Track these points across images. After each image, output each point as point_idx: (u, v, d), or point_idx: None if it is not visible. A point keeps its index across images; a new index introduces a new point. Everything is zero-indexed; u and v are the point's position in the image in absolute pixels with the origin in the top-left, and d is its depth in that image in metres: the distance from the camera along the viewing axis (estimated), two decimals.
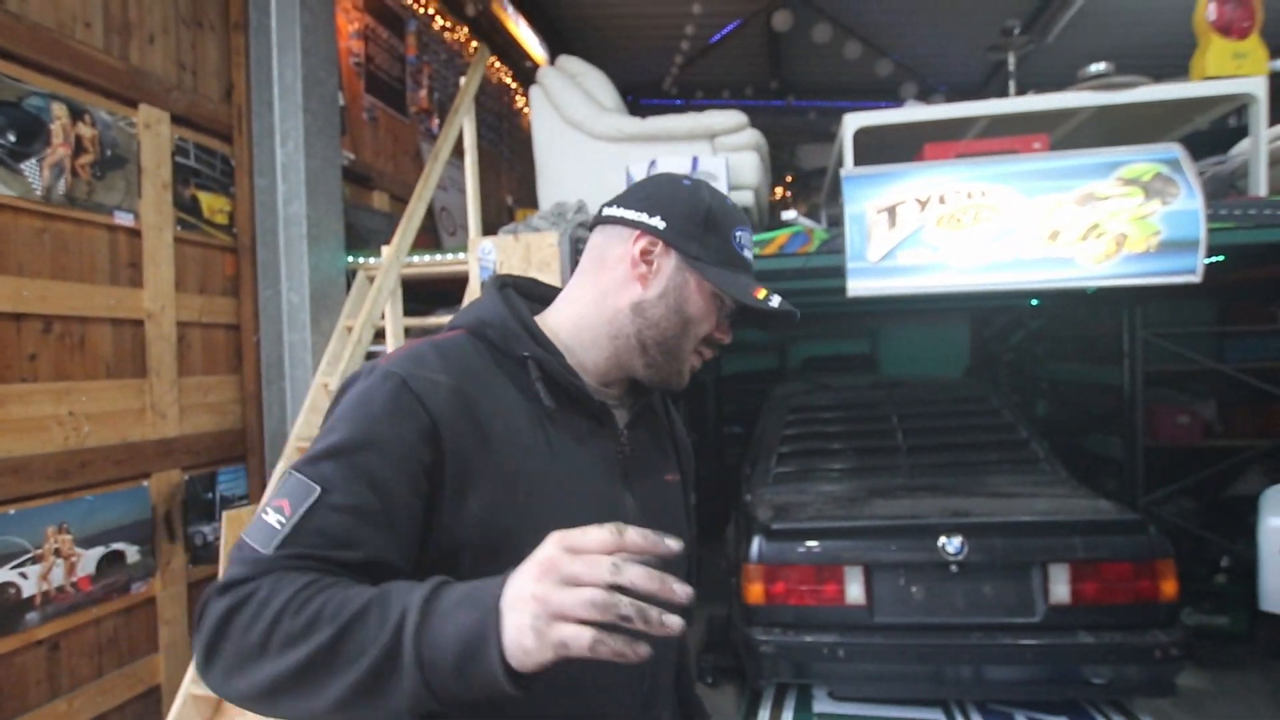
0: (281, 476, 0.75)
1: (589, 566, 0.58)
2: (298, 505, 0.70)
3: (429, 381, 0.78)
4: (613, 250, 0.90)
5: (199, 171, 2.79)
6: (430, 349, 0.83)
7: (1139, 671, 2.36)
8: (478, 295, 0.92)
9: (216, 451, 2.83)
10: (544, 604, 0.57)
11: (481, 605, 0.60)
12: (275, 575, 0.66)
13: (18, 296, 2.12)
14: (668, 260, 0.88)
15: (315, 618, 0.62)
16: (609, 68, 3.60)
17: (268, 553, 0.68)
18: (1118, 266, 2.30)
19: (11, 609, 2.08)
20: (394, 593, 0.64)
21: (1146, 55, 5.55)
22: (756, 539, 2.61)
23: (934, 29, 5.84)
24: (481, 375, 0.83)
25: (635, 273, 0.88)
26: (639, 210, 0.89)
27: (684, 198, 0.90)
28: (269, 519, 0.70)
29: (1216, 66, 2.51)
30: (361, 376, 0.80)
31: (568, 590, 0.57)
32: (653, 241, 0.88)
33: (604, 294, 0.90)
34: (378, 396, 0.77)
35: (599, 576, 0.57)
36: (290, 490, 0.72)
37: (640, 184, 0.94)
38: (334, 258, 3.09)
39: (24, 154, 2.15)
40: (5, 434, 2.08)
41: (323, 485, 0.71)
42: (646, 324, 0.88)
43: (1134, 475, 3.81)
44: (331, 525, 0.70)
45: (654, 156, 2.82)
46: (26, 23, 2.16)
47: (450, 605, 0.61)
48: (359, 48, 3.79)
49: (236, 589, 0.66)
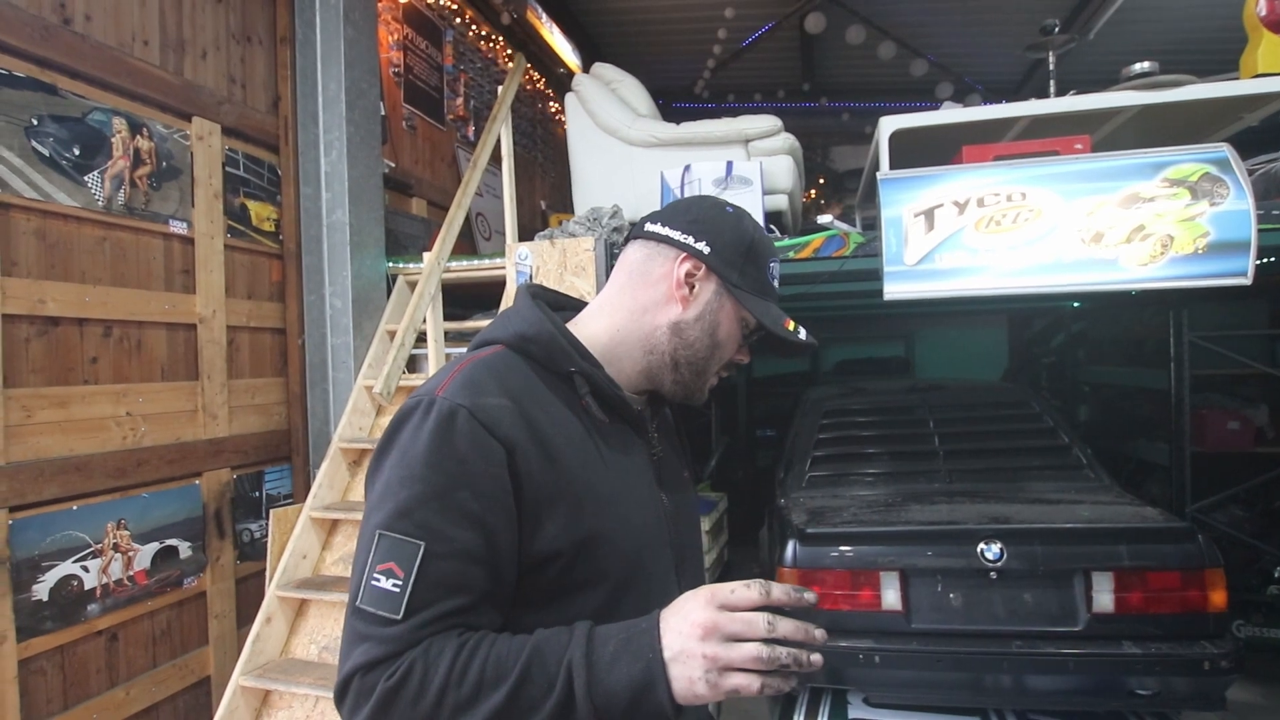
0: (372, 539, 0.76)
1: (747, 626, 0.68)
2: (409, 564, 0.73)
3: (493, 409, 0.79)
4: (656, 268, 0.92)
5: (248, 181, 2.89)
6: (482, 371, 0.83)
7: (1187, 684, 2.29)
8: (509, 305, 0.94)
9: (263, 451, 2.92)
10: (715, 660, 0.67)
11: (644, 657, 0.69)
12: (423, 647, 0.72)
13: (81, 302, 2.22)
14: (709, 285, 0.91)
15: (480, 682, 0.70)
16: (640, 72, 3.63)
17: (399, 618, 0.72)
18: (1164, 269, 2.25)
19: (74, 600, 2.18)
20: (548, 647, 0.71)
21: (1191, 51, 5.41)
22: (791, 543, 2.60)
23: (970, 28, 5.76)
24: (533, 392, 0.84)
25: (678, 294, 0.90)
26: (685, 232, 0.91)
27: (730, 225, 0.92)
28: (383, 584, 0.73)
29: (1269, 63, 2.44)
30: (418, 413, 0.79)
31: (733, 647, 0.68)
32: (697, 265, 0.90)
33: (644, 309, 0.92)
34: (451, 435, 0.77)
35: (758, 633, 0.68)
36: (392, 551, 0.74)
37: (685, 205, 0.96)
38: (375, 263, 3.17)
39: (87, 166, 2.25)
40: (69, 434, 2.18)
41: (426, 538, 0.74)
42: (682, 344, 0.91)
43: (1181, 482, 3.70)
44: (447, 574, 0.74)
45: (688, 162, 2.84)
46: (91, 42, 2.27)
47: (610, 656, 0.70)
48: (398, 58, 3.88)
49: (385, 666, 0.71)
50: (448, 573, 0.74)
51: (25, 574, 2.05)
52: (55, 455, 2.14)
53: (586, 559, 0.81)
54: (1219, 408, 3.95)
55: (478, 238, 4.42)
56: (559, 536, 0.80)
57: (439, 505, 0.75)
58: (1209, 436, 3.87)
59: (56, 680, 2.12)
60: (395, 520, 0.75)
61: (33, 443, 2.08)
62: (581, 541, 0.80)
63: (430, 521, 0.74)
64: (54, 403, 2.14)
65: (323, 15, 3.02)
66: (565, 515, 0.80)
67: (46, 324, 2.14)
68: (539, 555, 0.79)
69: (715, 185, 2.80)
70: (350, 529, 2.70)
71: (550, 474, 0.80)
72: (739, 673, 0.67)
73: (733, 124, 3.05)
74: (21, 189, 2.07)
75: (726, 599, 0.69)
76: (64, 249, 2.19)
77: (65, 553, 2.16)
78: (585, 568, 0.81)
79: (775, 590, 0.69)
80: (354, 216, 3.03)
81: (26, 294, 2.07)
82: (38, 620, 2.07)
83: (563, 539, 0.80)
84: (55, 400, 2.15)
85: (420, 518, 0.74)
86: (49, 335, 2.14)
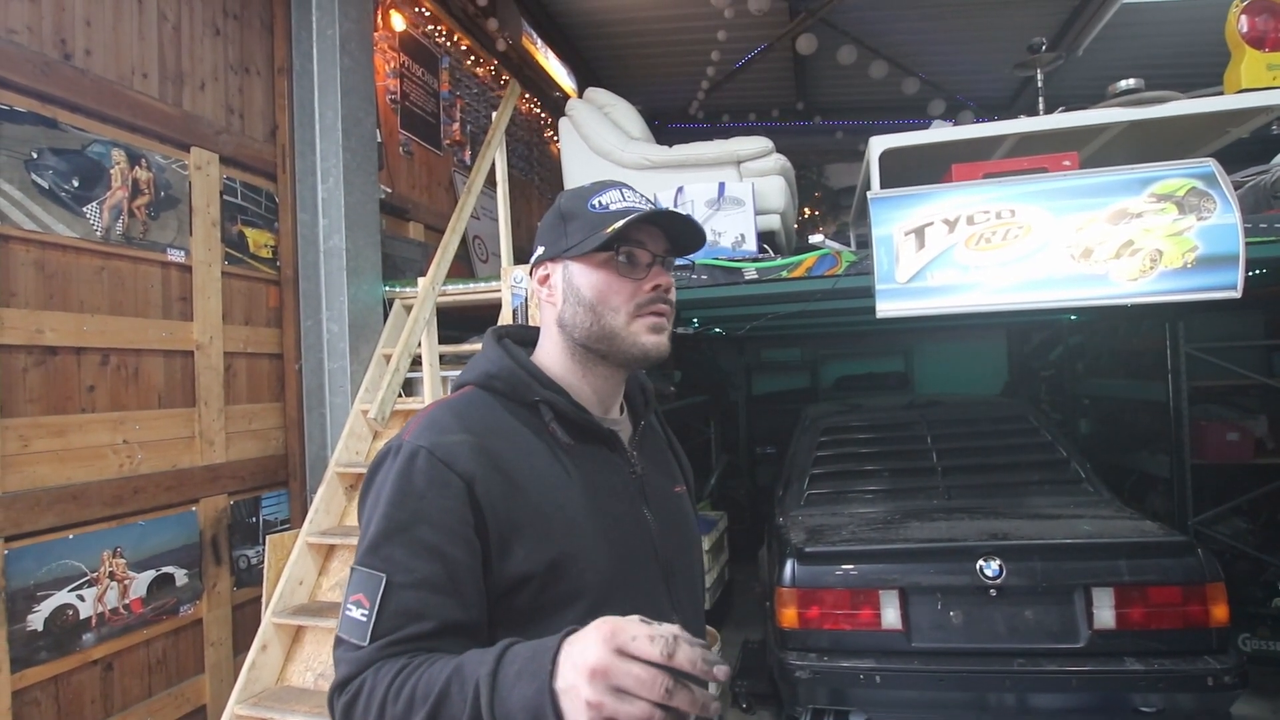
0: (349, 575, 0.84)
1: (639, 685, 0.61)
2: (373, 595, 0.79)
3: (452, 445, 0.85)
4: (535, 293, 1.00)
5: (245, 209, 2.93)
6: (445, 412, 0.90)
7: (1191, 700, 2.27)
8: (480, 350, 1.01)
9: (260, 477, 2.93)
10: (599, 709, 0.61)
11: (539, 680, 0.66)
12: (375, 668, 0.77)
13: (79, 331, 2.24)
14: (555, 270, 0.97)
15: (410, 700, 0.72)
16: (635, 95, 3.68)
17: (365, 644, 0.78)
18: (1154, 283, 2.26)
19: (70, 630, 2.17)
20: (467, 666, 0.72)
21: (1178, 67, 5.47)
22: (790, 562, 2.59)
23: (961, 46, 5.83)
24: (498, 425, 0.89)
25: (547, 300, 0.98)
26: (533, 254, 1.01)
27: (548, 217, 1.00)
28: (354, 614, 0.80)
29: (1251, 79, 2.47)
30: (389, 458, 0.86)
31: (623, 700, 0.61)
32: (541, 266, 0.98)
33: (547, 329, 0.99)
34: (410, 474, 0.83)
35: (651, 695, 0.60)
36: (361, 584, 0.81)
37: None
38: (372, 288, 3.19)
39: (86, 198, 2.28)
40: (66, 462, 2.19)
41: (387, 571, 0.80)
42: (573, 329, 0.94)
43: (1182, 495, 3.69)
44: (407, 602, 0.79)
45: (681, 183, 2.87)
46: (91, 76, 2.31)
47: (512, 677, 0.68)
48: (395, 85, 3.93)
49: (348, 687, 0.78)
50: (408, 602, 0.79)
51: (20, 604, 2.04)
52: (52, 484, 2.14)
53: (559, 578, 0.84)
54: (1218, 419, 3.95)
55: (475, 261, 4.45)
56: (528, 559, 0.83)
57: (401, 539, 0.81)
58: (1209, 448, 3.86)
59: (51, 711, 2.11)
60: (365, 556, 0.82)
61: (29, 472, 2.09)
62: (552, 562, 0.84)
63: (394, 555, 0.80)
64: (51, 432, 2.15)
65: (320, 46, 3.07)
66: (533, 539, 0.83)
67: (44, 354, 2.15)
68: (511, 579, 0.83)
69: (708, 206, 2.82)
70: (346, 554, 2.69)
71: (514, 501, 0.84)
72: None
73: (725, 145, 3.09)
74: (21, 221, 2.10)
75: (625, 644, 0.62)
76: (62, 279, 2.21)
77: (61, 582, 2.16)
78: (559, 587, 0.84)
79: (681, 654, 0.61)
80: (351, 242, 3.06)
81: (25, 324, 2.09)
82: (32, 650, 2.06)
83: (533, 561, 0.83)
84: (52, 429, 2.16)
85: (385, 552, 0.81)
86: (47, 365, 2.16)
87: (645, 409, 1.07)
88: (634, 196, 0.96)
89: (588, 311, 0.93)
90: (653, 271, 0.94)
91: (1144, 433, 4.40)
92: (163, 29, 2.60)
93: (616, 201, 0.94)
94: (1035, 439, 3.25)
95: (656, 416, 1.12)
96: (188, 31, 2.70)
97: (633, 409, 1.06)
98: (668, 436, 1.14)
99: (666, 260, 0.97)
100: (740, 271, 2.70)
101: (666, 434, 1.14)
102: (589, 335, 0.93)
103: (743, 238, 2.77)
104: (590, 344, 0.94)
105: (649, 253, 0.94)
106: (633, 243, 0.93)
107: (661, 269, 0.95)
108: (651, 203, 0.96)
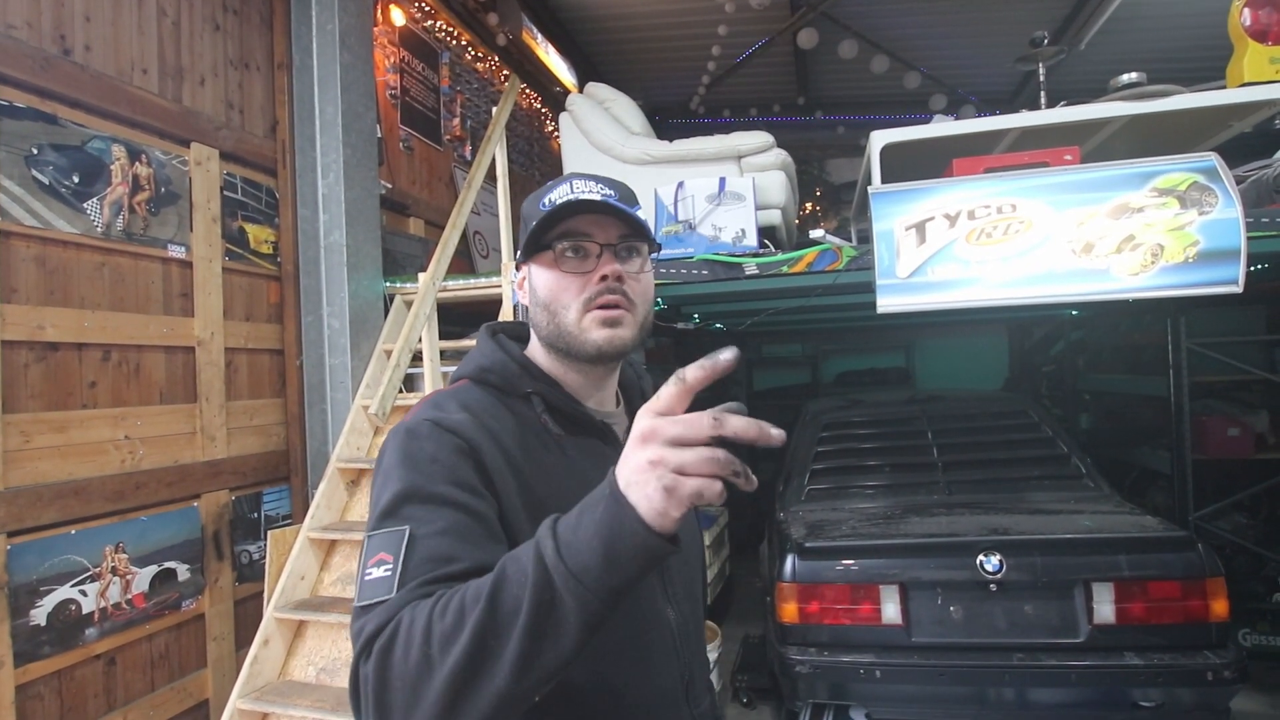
0: (364, 548, 0.78)
1: (689, 427, 0.58)
2: (396, 549, 0.74)
3: (456, 419, 0.85)
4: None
5: (246, 204, 2.93)
6: (444, 396, 0.90)
7: (1191, 695, 2.27)
8: (474, 345, 1.00)
9: (262, 472, 2.93)
10: (664, 464, 0.58)
11: (601, 498, 0.62)
12: (408, 608, 0.68)
13: (80, 327, 2.24)
14: (526, 274, 0.97)
15: (461, 607, 0.64)
16: (636, 90, 3.67)
17: (392, 595, 0.71)
18: (1155, 278, 2.25)
19: (73, 625, 2.18)
20: (521, 549, 0.66)
21: (1180, 61, 5.44)
22: (790, 557, 2.60)
23: (962, 40, 5.81)
24: (495, 414, 0.89)
25: (525, 301, 0.98)
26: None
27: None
28: (376, 573, 0.73)
29: (1254, 72, 2.46)
30: (395, 436, 0.86)
31: (681, 451, 0.58)
32: (518, 270, 0.98)
33: (532, 328, 0.99)
34: (420, 442, 0.82)
35: (703, 431, 0.58)
36: (382, 543, 0.75)
37: None
38: (372, 283, 3.19)
39: (86, 194, 2.28)
40: (68, 458, 2.19)
41: (409, 524, 0.76)
42: (537, 328, 0.95)
43: (1183, 490, 3.68)
44: (433, 548, 0.74)
45: (681, 178, 2.86)
46: (91, 72, 2.31)
47: (574, 519, 0.64)
48: (395, 81, 3.93)
49: (379, 637, 0.67)
50: (434, 548, 0.74)
51: (23, 599, 2.05)
52: (54, 480, 2.15)
53: None
54: (1219, 414, 3.94)
55: (475, 256, 4.44)
56: (520, 544, 0.81)
57: (420, 498, 0.78)
58: (1210, 443, 3.85)
59: (54, 705, 2.12)
60: (381, 520, 0.78)
61: (31, 468, 2.09)
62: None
63: (414, 513, 0.77)
64: (53, 427, 2.16)
65: (319, 41, 3.06)
66: (528, 525, 0.81)
67: (46, 349, 2.16)
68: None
69: (708, 201, 2.82)
70: (348, 549, 2.70)
71: (512, 481, 0.84)
72: (695, 477, 0.58)
73: (725, 140, 3.08)
74: (21, 217, 2.10)
75: (657, 405, 0.61)
76: (63, 275, 2.21)
77: (63, 577, 2.16)
78: None
79: (690, 374, 0.60)
80: (351, 238, 3.06)
81: (26, 320, 2.10)
82: (35, 645, 2.07)
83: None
84: (54, 425, 2.16)
85: (404, 511, 0.77)
86: (48, 360, 2.16)
87: (642, 402, 1.05)
88: (585, 187, 0.91)
89: (544, 311, 0.92)
90: (602, 261, 0.90)
91: (1145, 428, 4.39)
92: (162, 24, 2.59)
93: (564, 195, 0.90)
94: (1036, 434, 3.24)
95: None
96: (187, 27, 2.70)
97: (630, 403, 1.05)
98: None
99: (622, 248, 0.91)
100: (741, 267, 2.69)
101: None
102: (549, 335, 0.92)
103: (743, 233, 2.77)
104: (553, 343, 0.92)
105: (596, 244, 0.90)
106: (576, 235, 0.89)
107: (613, 258, 0.90)
108: (609, 192, 0.92)
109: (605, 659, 0.85)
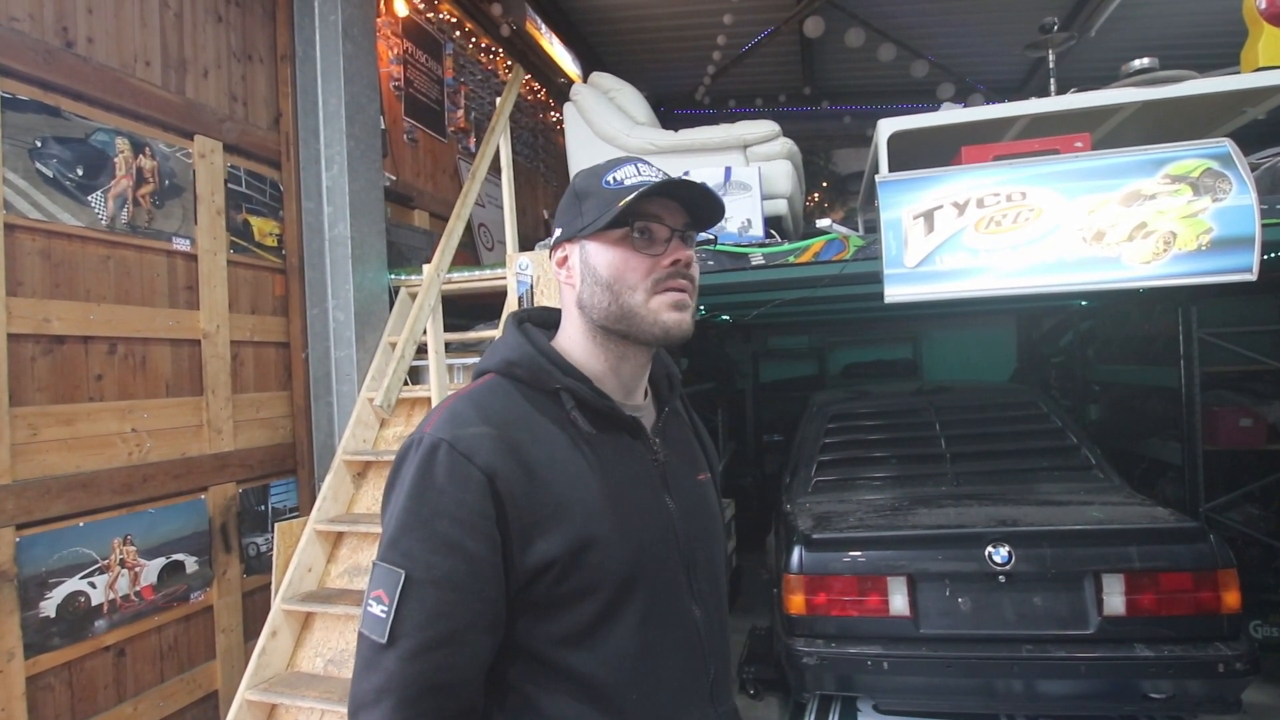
0: (371, 569, 0.83)
1: None
2: (392, 591, 0.78)
3: (472, 438, 0.83)
4: (555, 276, 0.99)
5: (250, 197, 2.92)
6: (465, 404, 0.88)
7: (1202, 686, 2.26)
8: (499, 335, 0.99)
9: (268, 465, 2.94)
10: None
11: None
12: None
13: (86, 320, 2.24)
14: (572, 251, 0.95)
15: None
16: (641, 80, 3.65)
17: (384, 642, 0.78)
18: (1167, 266, 2.22)
19: (82, 617, 2.19)
20: None
21: (1193, 46, 5.37)
22: (797, 549, 2.59)
23: (970, 28, 5.74)
24: (518, 415, 0.88)
25: (565, 281, 0.96)
26: (550, 236, 1.00)
27: (564, 197, 0.97)
28: (374, 610, 0.79)
29: (1269, 57, 2.41)
30: (410, 452, 0.85)
31: None
32: (559, 248, 0.96)
33: (568, 312, 0.97)
34: (431, 468, 0.82)
35: None
36: (380, 580, 0.80)
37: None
38: (377, 276, 3.18)
39: (91, 186, 2.28)
40: (75, 451, 2.20)
41: (407, 567, 0.79)
42: (591, 310, 0.92)
43: (1194, 481, 3.65)
44: (428, 601, 0.78)
45: (687, 168, 2.84)
46: (94, 64, 2.30)
47: None
48: (398, 72, 3.91)
49: (379, 706, 0.77)
50: (429, 600, 0.78)
51: (32, 591, 2.06)
52: (62, 472, 2.15)
53: (580, 566, 0.83)
54: (1230, 404, 3.91)
55: (480, 248, 4.43)
56: (551, 549, 0.82)
57: (420, 534, 0.80)
58: (1221, 434, 3.82)
59: (64, 697, 2.13)
60: (385, 551, 0.81)
61: (39, 460, 2.10)
62: (573, 550, 0.83)
63: (413, 550, 0.79)
64: (60, 420, 2.16)
65: (322, 32, 3.04)
66: (555, 530, 0.82)
67: (52, 342, 2.16)
68: (532, 570, 0.82)
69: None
70: (355, 541, 2.70)
71: (536, 493, 0.83)
72: None
73: (731, 130, 3.05)
74: (26, 210, 2.09)
75: None
76: (69, 268, 2.21)
77: (72, 569, 2.17)
78: (579, 575, 0.83)
79: None
80: (355, 230, 3.05)
81: (32, 313, 2.10)
82: (45, 637, 2.08)
83: (555, 550, 0.82)
84: (61, 418, 2.17)
85: (404, 546, 0.80)
86: (54, 353, 2.17)
87: (670, 394, 1.04)
88: (650, 171, 0.92)
89: (605, 291, 0.90)
90: (671, 246, 0.90)
91: (1155, 419, 4.36)
92: (164, 16, 2.58)
93: (631, 176, 0.91)
94: (1045, 425, 3.22)
95: (682, 401, 1.09)
96: (190, 19, 2.69)
97: (657, 394, 1.03)
98: (693, 422, 1.11)
99: (686, 235, 0.93)
100: (747, 257, 2.67)
101: (692, 419, 1.11)
102: (608, 315, 0.90)
103: (749, 223, 2.75)
104: (610, 325, 0.91)
105: (666, 227, 0.90)
106: (648, 217, 0.89)
107: (681, 243, 0.91)
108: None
109: (632, 659, 0.85)
